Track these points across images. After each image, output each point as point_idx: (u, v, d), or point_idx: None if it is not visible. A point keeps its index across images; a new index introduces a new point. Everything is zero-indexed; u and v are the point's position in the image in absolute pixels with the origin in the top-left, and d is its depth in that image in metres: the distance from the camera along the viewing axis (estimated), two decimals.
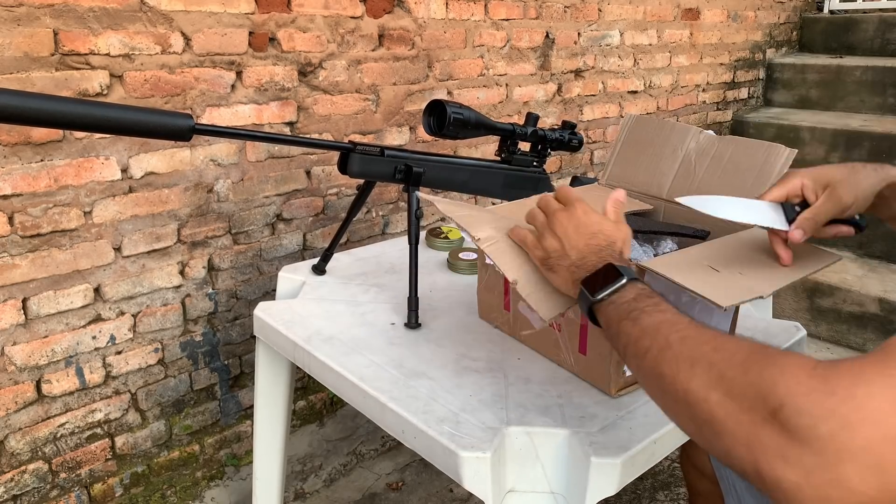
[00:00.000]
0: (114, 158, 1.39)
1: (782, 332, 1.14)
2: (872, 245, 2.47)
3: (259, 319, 1.16)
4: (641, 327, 0.63)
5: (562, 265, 0.77)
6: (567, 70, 2.31)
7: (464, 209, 0.93)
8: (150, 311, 1.52)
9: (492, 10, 2.01)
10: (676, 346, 0.58)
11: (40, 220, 1.32)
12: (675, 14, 2.67)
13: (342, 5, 1.66)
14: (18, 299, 1.33)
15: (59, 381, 1.41)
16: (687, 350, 0.57)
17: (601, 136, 2.52)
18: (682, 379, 0.55)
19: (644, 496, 1.78)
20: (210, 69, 1.48)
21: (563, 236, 0.77)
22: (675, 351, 0.57)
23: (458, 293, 1.24)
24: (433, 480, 1.80)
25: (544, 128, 1.33)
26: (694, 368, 0.54)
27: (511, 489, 0.83)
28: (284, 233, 1.71)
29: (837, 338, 2.28)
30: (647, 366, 0.60)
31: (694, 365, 0.55)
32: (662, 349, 0.59)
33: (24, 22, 1.23)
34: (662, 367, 0.58)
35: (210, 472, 1.71)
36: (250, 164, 1.60)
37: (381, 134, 1.84)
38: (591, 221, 0.78)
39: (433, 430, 0.84)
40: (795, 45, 3.50)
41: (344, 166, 1.14)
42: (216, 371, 1.67)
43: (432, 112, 1.18)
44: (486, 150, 2.10)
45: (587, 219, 0.78)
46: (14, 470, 1.39)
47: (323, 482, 1.78)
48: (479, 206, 1.04)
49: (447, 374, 0.97)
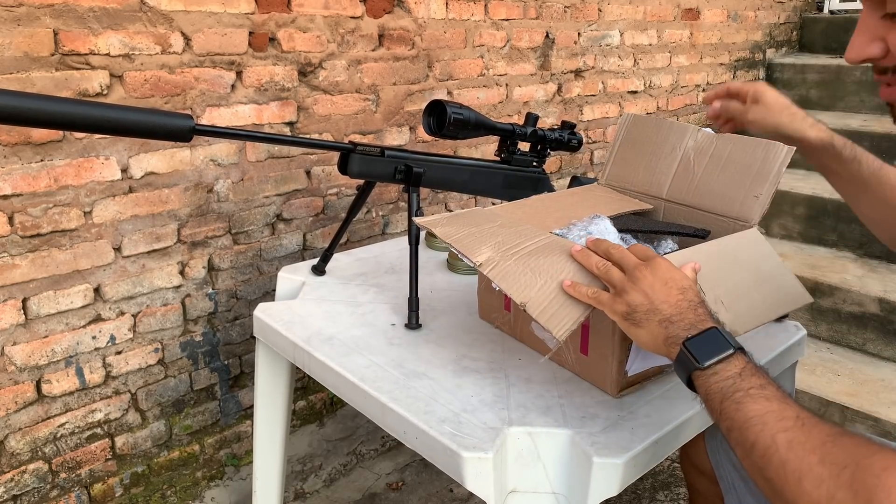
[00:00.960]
0: (114, 158, 1.39)
1: (782, 332, 1.14)
2: (872, 245, 2.46)
3: (259, 320, 1.16)
4: (745, 415, 0.61)
5: (651, 320, 0.74)
6: (567, 70, 2.31)
7: (461, 227, 0.93)
8: (150, 311, 1.52)
9: (492, 10, 2.01)
10: (783, 450, 0.57)
11: (40, 220, 1.32)
12: (675, 14, 2.67)
13: (342, 5, 1.66)
14: (18, 299, 1.32)
15: (59, 381, 1.41)
16: (795, 459, 0.56)
17: (601, 136, 2.52)
18: (791, 491, 0.55)
19: (644, 496, 1.78)
20: (210, 69, 1.48)
21: (650, 290, 0.74)
22: (783, 456, 0.56)
23: (458, 293, 1.24)
24: (433, 480, 1.80)
25: (544, 128, 1.33)
26: (802, 484, 0.54)
27: (513, 489, 0.83)
28: (284, 233, 1.71)
29: (837, 338, 2.28)
30: (753, 463, 0.60)
31: (802, 479, 0.54)
32: (769, 450, 0.58)
33: (24, 22, 1.23)
34: (769, 471, 0.57)
35: (210, 472, 1.71)
36: (250, 164, 1.60)
37: (381, 134, 1.84)
38: (678, 276, 0.75)
39: (434, 431, 0.84)
40: (795, 46, 3.50)
41: (344, 166, 1.14)
42: (216, 371, 1.67)
43: (432, 112, 1.18)
44: (486, 150, 2.10)
45: (673, 273, 0.76)
46: (14, 470, 1.39)
47: (323, 482, 1.77)
48: (478, 210, 1.04)
49: (448, 374, 0.97)
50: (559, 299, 0.80)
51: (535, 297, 0.80)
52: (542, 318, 0.79)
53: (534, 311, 0.79)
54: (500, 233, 0.93)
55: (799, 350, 1.14)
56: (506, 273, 0.83)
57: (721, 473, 1.12)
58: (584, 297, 0.80)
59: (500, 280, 0.82)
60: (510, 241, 0.90)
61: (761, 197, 1.01)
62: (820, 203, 2.56)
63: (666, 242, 1.07)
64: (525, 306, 0.80)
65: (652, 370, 0.94)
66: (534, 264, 0.85)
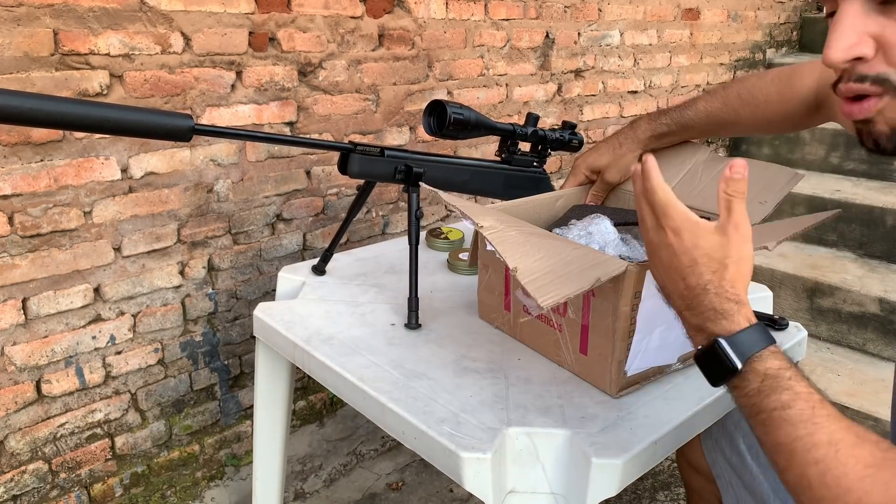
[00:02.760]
0: (114, 158, 1.39)
1: (782, 332, 1.13)
2: (872, 245, 2.47)
3: (259, 320, 1.16)
4: (773, 441, 0.55)
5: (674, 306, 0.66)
6: (567, 70, 2.31)
7: (467, 202, 0.93)
8: (150, 311, 1.52)
9: (492, 10, 2.01)
10: (816, 485, 0.51)
11: (40, 220, 1.32)
12: (676, 14, 2.67)
13: (342, 5, 1.66)
14: (18, 299, 1.33)
15: (58, 382, 1.41)
16: (830, 497, 0.50)
17: (601, 136, 2.52)
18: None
19: (644, 496, 1.78)
20: (210, 69, 1.48)
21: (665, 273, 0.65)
22: (816, 494, 0.51)
23: (458, 293, 1.24)
24: (433, 480, 1.80)
25: (544, 128, 1.33)
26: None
27: (511, 490, 0.83)
28: (284, 233, 1.71)
29: (837, 338, 2.28)
30: (787, 487, 0.55)
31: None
32: (799, 484, 0.53)
33: (24, 22, 1.23)
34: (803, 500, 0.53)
35: (210, 472, 1.71)
36: (250, 164, 1.60)
37: (381, 134, 1.84)
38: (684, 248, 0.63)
39: (433, 431, 0.83)
40: (795, 45, 3.49)
41: (344, 166, 1.14)
42: (216, 371, 1.67)
43: (432, 112, 1.18)
44: (486, 150, 2.10)
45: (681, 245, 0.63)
46: (14, 470, 1.39)
47: (323, 482, 1.78)
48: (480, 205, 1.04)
49: (447, 374, 0.97)
50: (553, 275, 0.79)
51: (530, 266, 0.79)
52: (532, 286, 0.76)
53: (523, 278, 0.77)
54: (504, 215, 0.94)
55: (799, 350, 1.14)
56: (506, 239, 0.82)
57: (718, 472, 1.12)
58: None
59: (498, 244, 0.80)
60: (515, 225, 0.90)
61: (766, 203, 1.02)
62: (820, 203, 2.56)
63: None
64: (516, 271, 0.78)
65: (651, 370, 0.94)
66: (536, 241, 0.85)
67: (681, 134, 1.16)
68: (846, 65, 0.58)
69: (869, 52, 0.57)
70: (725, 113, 1.11)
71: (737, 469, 1.06)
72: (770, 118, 1.08)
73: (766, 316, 1.13)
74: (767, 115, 1.08)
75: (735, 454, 1.07)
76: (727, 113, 1.10)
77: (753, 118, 1.09)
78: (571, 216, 1.12)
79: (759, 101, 1.08)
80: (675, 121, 1.14)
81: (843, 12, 0.57)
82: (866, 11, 0.57)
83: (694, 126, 1.13)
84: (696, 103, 1.14)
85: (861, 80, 0.58)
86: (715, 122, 1.12)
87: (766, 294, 1.27)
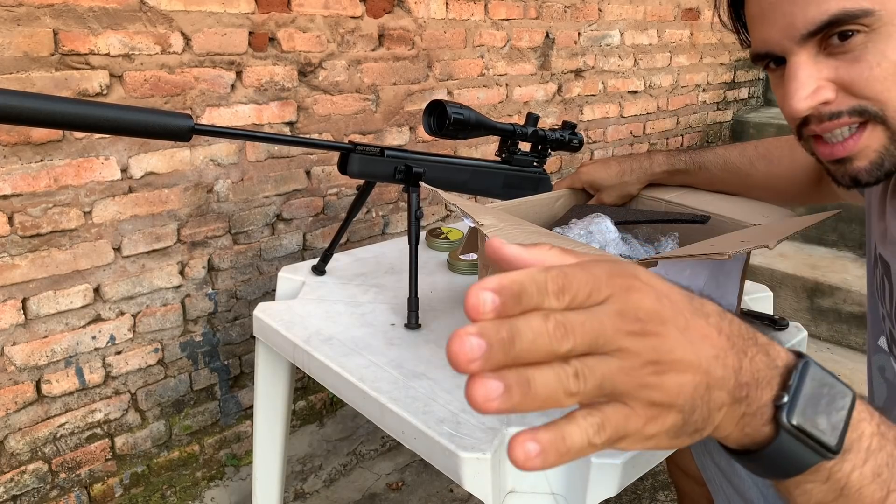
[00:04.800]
0: (114, 158, 1.39)
1: (782, 332, 1.13)
2: None
3: (259, 320, 1.16)
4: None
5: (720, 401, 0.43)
6: (567, 70, 2.31)
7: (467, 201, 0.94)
8: (150, 311, 1.52)
9: (492, 10, 2.01)
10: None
11: (40, 220, 1.32)
12: (676, 14, 2.67)
13: (342, 5, 1.66)
14: (18, 299, 1.33)
15: (58, 382, 1.41)
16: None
17: (601, 136, 2.52)
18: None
19: (644, 496, 1.78)
20: (210, 69, 1.48)
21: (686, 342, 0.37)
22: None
23: (459, 293, 1.24)
24: (433, 481, 1.80)
25: (544, 128, 1.33)
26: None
27: (511, 490, 0.83)
28: (284, 233, 1.71)
29: (837, 338, 2.28)
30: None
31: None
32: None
33: (23, 22, 1.23)
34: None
35: (210, 473, 1.71)
36: (250, 164, 1.60)
37: (381, 134, 1.84)
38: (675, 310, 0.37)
39: (433, 431, 0.83)
40: None
41: (344, 166, 1.14)
42: (216, 371, 1.67)
43: (432, 112, 1.18)
44: (486, 150, 2.10)
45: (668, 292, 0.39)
46: (14, 470, 1.39)
47: (323, 482, 1.78)
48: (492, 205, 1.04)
49: (447, 374, 0.97)
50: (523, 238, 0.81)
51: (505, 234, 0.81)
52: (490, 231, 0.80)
53: (487, 231, 0.81)
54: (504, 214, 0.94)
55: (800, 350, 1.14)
56: (507, 238, 0.82)
57: (708, 476, 1.11)
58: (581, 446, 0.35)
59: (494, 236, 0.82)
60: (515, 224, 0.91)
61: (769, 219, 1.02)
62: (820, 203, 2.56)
63: (667, 241, 1.07)
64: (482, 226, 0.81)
65: None
66: (537, 240, 0.85)
67: (696, 174, 1.16)
68: (812, 111, 0.60)
69: (831, 95, 0.59)
70: (741, 162, 1.12)
71: (726, 473, 1.06)
72: (780, 175, 1.09)
73: (767, 316, 1.13)
74: (779, 172, 1.09)
75: (723, 458, 1.06)
76: (743, 163, 1.12)
77: (767, 173, 1.10)
78: (572, 216, 1.12)
79: (774, 157, 1.09)
80: (693, 159, 1.15)
81: (795, 65, 0.59)
82: (815, 59, 0.59)
83: (710, 168, 1.14)
84: (714, 147, 1.16)
85: (834, 117, 0.60)
86: (731, 169, 1.13)
87: (766, 294, 1.27)
